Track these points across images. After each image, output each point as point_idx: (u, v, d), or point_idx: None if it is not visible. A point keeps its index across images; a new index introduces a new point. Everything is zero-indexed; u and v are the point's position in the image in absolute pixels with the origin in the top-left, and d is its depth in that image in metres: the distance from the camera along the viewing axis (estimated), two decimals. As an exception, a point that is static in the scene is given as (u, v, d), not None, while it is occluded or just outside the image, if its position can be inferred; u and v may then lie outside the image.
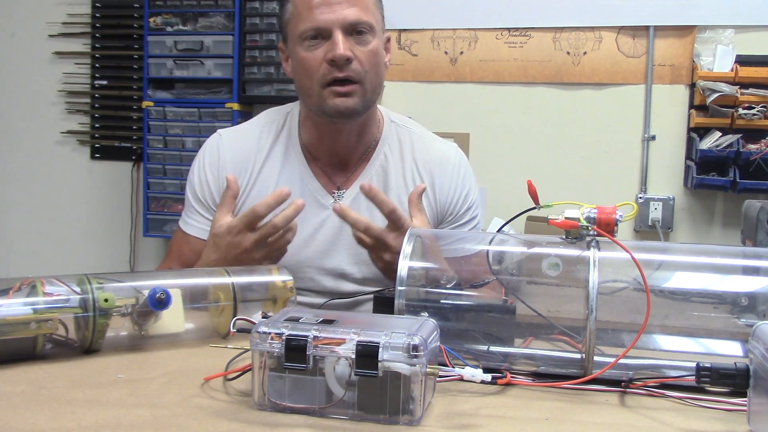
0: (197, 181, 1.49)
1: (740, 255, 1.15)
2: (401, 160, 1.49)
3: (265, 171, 1.46)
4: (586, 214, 1.01)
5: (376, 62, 1.39)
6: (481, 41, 3.06)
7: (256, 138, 1.49)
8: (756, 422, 0.82)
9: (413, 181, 1.48)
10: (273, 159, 1.47)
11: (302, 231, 1.41)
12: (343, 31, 1.34)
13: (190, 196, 1.50)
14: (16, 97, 3.64)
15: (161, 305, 1.06)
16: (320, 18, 1.34)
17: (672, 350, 1.01)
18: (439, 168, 1.50)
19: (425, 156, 1.50)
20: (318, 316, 0.88)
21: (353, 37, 1.36)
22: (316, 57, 1.35)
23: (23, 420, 0.80)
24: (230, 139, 1.50)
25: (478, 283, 1.06)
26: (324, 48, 1.35)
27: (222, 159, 1.47)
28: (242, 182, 1.44)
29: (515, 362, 1.02)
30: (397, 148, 1.50)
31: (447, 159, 1.52)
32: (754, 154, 2.68)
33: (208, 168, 1.48)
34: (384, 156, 1.49)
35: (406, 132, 1.52)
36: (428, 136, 1.55)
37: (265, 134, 1.49)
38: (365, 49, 1.37)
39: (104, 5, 3.48)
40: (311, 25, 1.35)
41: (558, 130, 3.01)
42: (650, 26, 2.88)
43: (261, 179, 1.46)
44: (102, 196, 3.58)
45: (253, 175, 1.46)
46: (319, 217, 1.44)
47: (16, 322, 0.97)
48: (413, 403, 0.81)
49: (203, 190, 1.48)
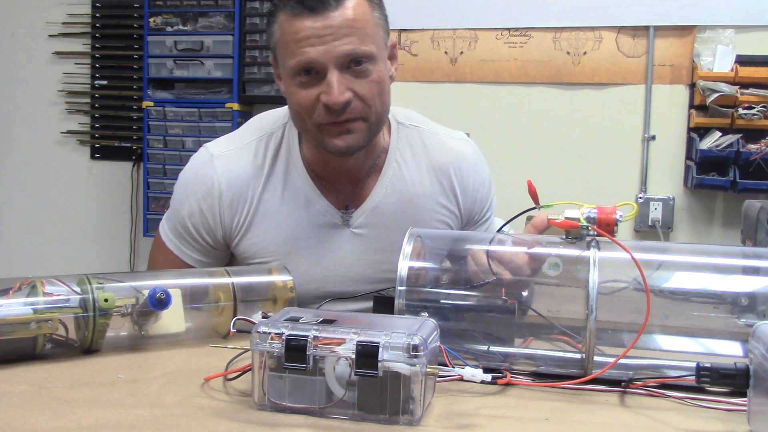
0: (187, 213, 1.34)
1: (740, 255, 1.15)
2: (416, 166, 1.37)
3: (266, 195, 1.32)
4: (586, 214, 1.01)
5: (380, 91, 1.23)
6: (481, 41, 3.06)
7: (251, 157, 1.33)
8: (756, 422, 0.82)
9: (431, 184, 1.37)
10: (274, 181, 1.32)
11: (315, 255, 1.33)
12: (338, 67, 1.17)
13: (179, 226, 1.35)
14: (16, 97, 3.64)
15: (161, 305, 1.06)
16: (311, 53, 1.16)
17: (672, 350, 1.01)
18: (458, 170, 1.40)
19: (441, 159, 1.39)
20: (318, 316, 0.88)
21: (351, 71, 1.19)
22: (309, 96, 1.20)
23: (23, 420, 0.80)
24: (224, 164, 1.33)
25: (478, 283, 1.06)
26: (318, 87, 1.19)
27: (217, 189, 1.31)
28: (242, 211, 1.32)
29: (515, 362, 1.02)
30: (409, 154, 1.38)
31: (464, 158, 1.42)
32: (754, 154, 2.68)
33: (202, 199, 1.32)
34: (396, 164, 1.36)
35: (416, 132, 1.40)
36: (439, 133, 1.43)
37: (261, 152, 1.33)
38: (366, 81, 1.20)
39: (104, 5, 3.48)
40: (302, 60, 1.18)
41: (558, 130, 3.01)
42: (650, 26, 2.88)
43: (263, 205, 1.32)
44: (102, 196, 3.58)
45: (254, 202, 1.32)
46: (332, 237, 1.33)
47: (16, 322, 0.97)
48: (413, 403, 0.81)
49: (195, 223, 1.33)
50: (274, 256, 1.32)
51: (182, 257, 1.36)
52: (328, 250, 1.33)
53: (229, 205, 1.32)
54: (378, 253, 1.34)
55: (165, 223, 1.40)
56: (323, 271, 1.33)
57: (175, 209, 1.37)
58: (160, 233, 1.39)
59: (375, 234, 1.35)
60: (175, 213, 1.37)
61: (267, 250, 1.33)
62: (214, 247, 1.36)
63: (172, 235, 1.37)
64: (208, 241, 1.35)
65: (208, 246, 1.36)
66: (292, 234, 1.32)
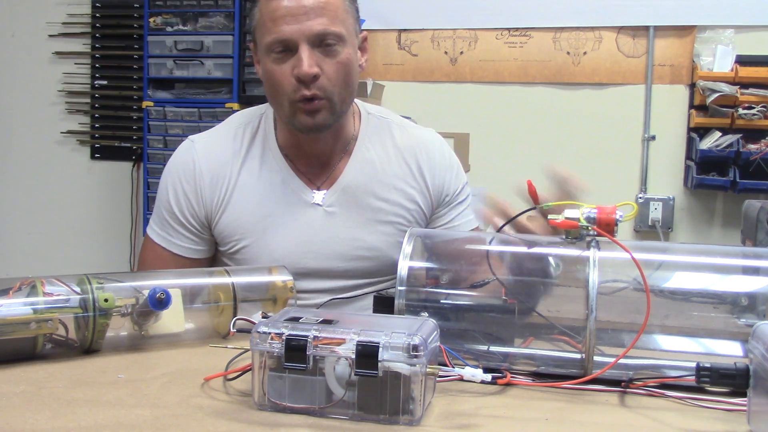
0: (172, 197, 1.42)
1: (740, 255, 1.15)
2: (384, 151, 1.46)
3: (243, 175, 1.41)
4: (586, 214, 1.01)
5: (346, 73, 1.33)
6: (481, 41, 3.06)
7: (230, 141, 1.43)
8: (756, 422, 0.82)
9: (400, 169, 1.45)
10: (251, 162, 1.42)
11: (290, 229, 1.39)
12: (309, 44, 1.29)
13: (165, 213, 1.43)
14: (16, 97, 3.64)
15: (161, 305, 1.06)
16: (285, 30, 1.28)
17: (672, 350, 1.01)
18: (425, 153, 1.47)
19: (407, 142, 1.47)
20: (318, 316, 0.88)
21: (321, 49, 1.30)
22: (283, 71, 1.31)
23: (23, 420, 0.80)
24: (204, 146, 1.43)
25: (478, 283, 1.06)
26: (291, 62, 1.30)
27: (198, 169, 1.41)
28: (221, 190, 1.40)
29: (515, 362, 1.02)
30: (377, 140, 1.47)
31: (431, 143, 1.50)
32: (754, 154, 2.68)
33: (184, 180, 1.41)
34: (365, 149, 1.45)
35: (384, 122, 1.49)
36: (406, 124, 1.53)
37: (239, 137, 1.44)
38: (334, 61, 1.31)
39: (104, 5, 3.48)
40: (276, 38, 1.29)
41: (558, 130, 3.01)
42: (650, 26, 2.88)
43: (240, 184, 1.41)
44: (102, 196, 3.58)
45: (231, 181, 1.41)
46: (306, 215, 1.41)
47: (16, 322, 0.97)
48: (413, 403, 0.81)
49: (180, 206, 1.41)
50: (251, 233, 1.40)
51: (170, 248, 1.42)
52: (303, 228, 1.40)
53: (209, 184, 1.41)
54: (350, 230, 1.41)
55: (151, 221, 1.47)
56: (298, 247, 1.39)
57: (161, 198, 1.45)
58: (148, 233, 1.47)
59: (346, 213, 1.42)
60: (160, 201, 1.45)
61: (244, 228, 1.40)
62: (199, 230, 1.42)
63: (159, 228, 1.44)
64: (193, 224, 1.42)
65: (193, 229, 1.42)
66: (268, 211, 1.40)
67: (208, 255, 1.45)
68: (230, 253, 1.41)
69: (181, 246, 1.42)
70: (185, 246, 1.42)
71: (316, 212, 1.41)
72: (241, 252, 1.40)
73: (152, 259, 1.44)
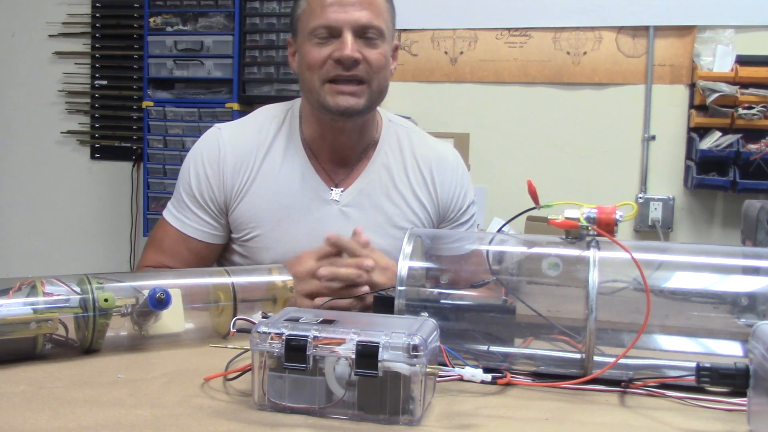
0: (194, 179, 1.45)
1: (740, 255, 1.15)
2: (401, 157, 1.51)
3: (265, 165, 1.45)
4: (586, 214, 1.01)
5: (383, 66, 1.40)
6: (481, 41, 3.06)
7: (256, 132, 1.47)
8: (756, 422, 0.82)
9: (414, 177, 1.50)
10: (274, 153, 1.46)
11: (305, 226, 1.42)
12: (353, 33, 1.35)
13: (184, 195, 1.46)
14: (16, 97, 3.64)
15: (161, 305, 1.06)
16: (332, 17, 1.35)
17: (672, 350, 1.01)
18: (439, 166, 1.52)
19: (424, 153, 1.52)
20: (318, 316, 0.88)
21: (363, 40, 1.36)
22: (321, 53, 1.36)
23: (23, 420, 0.80)
24: (230, 134, 1.48)
25: (478, 283, 1.06)
26: (332, 46, 1.36)
27: (222, 154, 1.45)
28: (242, 177, 1.44)
29: (515, 362, 1.02)
30: (396, 146, 1.51)
31: (446, 158, 1.54)
32: (754, 154, 2.68)
33: (207, 165, 1.45)
34: (384, 154, 1.50)
35: (404, 131, 1.54)
36: (425, 136, 1.58)
37: (265, 128, 1.48)
38: (375, 51, 1.38)
39: (104, 5, 3.48)
40: (322, 23, 1.36)
41: (558, 130, 3.01)
42: (650, 26, 2.88)
43: (262, 174, 1.44)
44: (102, 196, 3.58)
45: (254, 169, 1.44)
46: (321, 211, 1.44)
47: (16, 322, 0.97)
48: (413, 403, 0.81)
49: (201, 189, 1.44)
50: (266, 222, 1.43)
51: (184, 230, 1.45)
52: (317, 224, 1.43)
53: (232, 171, 1.44)
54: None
55: (169, 204, 1.50)
56: (310, 241, 1.40)
57: (182, 179, 1.48)
58: (164, 214, 1.49)
59: (360, 214, 1.45)
60: (181, 183, 1.48)
61: (260, 216, 1.43)
62: (216, 214, 1.45)
63: (176, 210, 1.47)
64: (211, 208, 1.45)
65: (210, 213, 1.45)
66: (285, 202, 1.44)
67: (221, 242, 1.48)
68: (243, 240, 1.45)
69: (195, 229, 1.45)
70: (200, 229, 1.45)
71: (332, 209, 1.45)
72: (254, 240, 1.44)
73: (164, 239, 1.47)
